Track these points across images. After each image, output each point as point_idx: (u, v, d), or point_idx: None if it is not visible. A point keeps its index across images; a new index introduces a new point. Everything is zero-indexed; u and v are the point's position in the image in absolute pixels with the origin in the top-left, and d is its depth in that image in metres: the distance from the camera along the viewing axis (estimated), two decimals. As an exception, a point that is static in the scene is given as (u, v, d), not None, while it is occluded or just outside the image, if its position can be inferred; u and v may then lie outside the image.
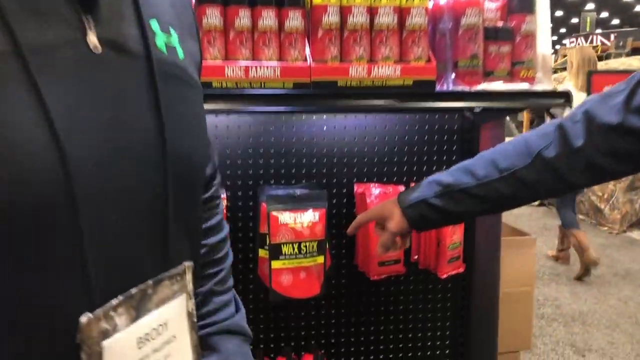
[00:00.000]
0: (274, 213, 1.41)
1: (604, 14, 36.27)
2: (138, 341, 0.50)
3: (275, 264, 1.40)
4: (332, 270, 1.60)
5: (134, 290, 0.50)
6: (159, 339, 0.53)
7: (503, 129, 1.77)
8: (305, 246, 1.43)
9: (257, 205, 1.52)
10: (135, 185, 0.51)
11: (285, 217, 1.42)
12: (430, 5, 1.26)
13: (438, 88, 1.24)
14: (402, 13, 1.19)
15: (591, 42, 18.86)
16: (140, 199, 0.51)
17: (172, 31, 0.60)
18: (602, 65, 7.39)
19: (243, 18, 1.12)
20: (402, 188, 1.58)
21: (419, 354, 1.75)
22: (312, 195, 1.46)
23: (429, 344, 1.75)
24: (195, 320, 0.59)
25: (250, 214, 1.57)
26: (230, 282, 0.79)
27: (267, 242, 1.42)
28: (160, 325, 0.53)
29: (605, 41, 17.92)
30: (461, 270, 1.59)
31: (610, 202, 6.30)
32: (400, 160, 1.63)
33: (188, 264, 0.57)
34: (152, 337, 0.52)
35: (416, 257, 1.64)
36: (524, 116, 11.36)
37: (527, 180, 0.92)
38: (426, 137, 1.64)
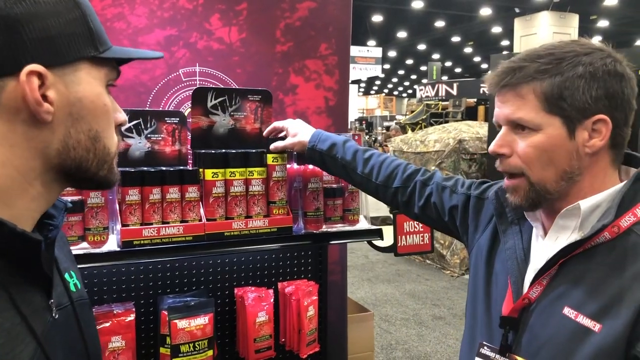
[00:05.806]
0: (174, 321, 1.83)
1: (448, 63, 40.15)
2: None
3: (176, 361, 1.82)
4: (219, 358, 2.04)
5: None
6: None
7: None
8: (199, 344, 1.86)
9: (158, 312, 1.93)
10: None
11: (183, 323, 1.85)
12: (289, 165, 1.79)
13: (295, 229, 1.76)
14: (267, 183, 1.71)
15: (437, 91, 21.00)
16: None
17: (72, 272, 0.96)
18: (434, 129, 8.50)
19: (155, 194, 1.57)
20: (271, 291, 2.08)
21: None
22: (202, 303, 1.90)
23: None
24: None
25: (151, 317, 1.98)
26: None
27: (168, 342, 1.83)
28: None
29: (450, 90, 20.09)
30: (317, 349, 2.11)
31: (451, 248, 7.29)
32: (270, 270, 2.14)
33: None
34: None
35: (283, 340, 2.13)
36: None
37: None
38: (287, 254, 2.17)
